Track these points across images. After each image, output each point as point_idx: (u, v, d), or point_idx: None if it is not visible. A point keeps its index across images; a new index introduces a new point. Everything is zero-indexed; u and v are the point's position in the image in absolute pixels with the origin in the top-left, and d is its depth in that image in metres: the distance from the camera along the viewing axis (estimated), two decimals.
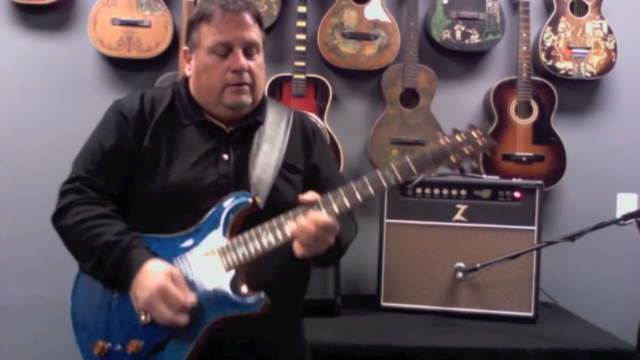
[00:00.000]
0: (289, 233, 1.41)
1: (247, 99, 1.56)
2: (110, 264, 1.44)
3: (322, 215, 1.39)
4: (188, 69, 1.61)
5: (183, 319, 1.39)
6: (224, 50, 1.53)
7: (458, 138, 1.45)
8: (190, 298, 1.40)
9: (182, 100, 1.61)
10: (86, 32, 2.70)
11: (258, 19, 1.59)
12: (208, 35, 1.54)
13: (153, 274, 1.40)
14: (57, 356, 2.70)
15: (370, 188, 1.43)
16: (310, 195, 1.44)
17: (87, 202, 1.51)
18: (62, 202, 1.53)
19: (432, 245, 2.45)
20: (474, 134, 1.46)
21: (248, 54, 1.55)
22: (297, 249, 1.41)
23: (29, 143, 2.82)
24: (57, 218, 1.53)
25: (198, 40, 1.56)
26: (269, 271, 1.49)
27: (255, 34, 1.56)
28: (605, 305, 2.86)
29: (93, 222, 1.47)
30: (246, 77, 1.54)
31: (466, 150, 1.44)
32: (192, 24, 1.58)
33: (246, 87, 1.55)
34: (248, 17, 1.55)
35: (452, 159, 1.44)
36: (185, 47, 1.62)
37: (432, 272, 2.44)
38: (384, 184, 1.43)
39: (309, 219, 1.39)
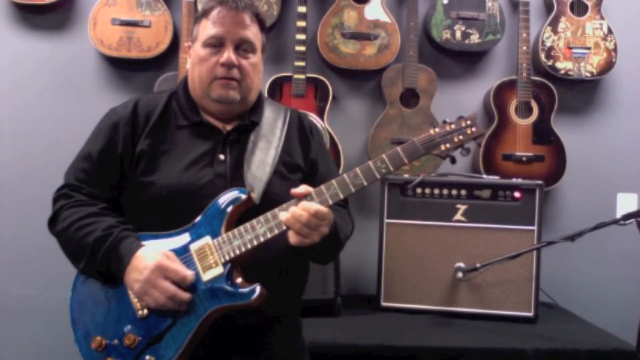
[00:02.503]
0: (283, 225, 1.43)
1: (234, 94, 1.57)
2: (102, 257, 1.45)
3: (314, 204, 1.42)
4: (189, 63, 1.64)
5: (185, 294, 1.41)
6: (217, 44, 1.56)
7: (447, 127, 1.49)
8: (189, 272, 1.42)
9: (180, 99, 1.63)
10: (86, 32, 2.70)
11: (258, 20, 1.61)
12: (205, 29, 1.58)
13: (148, 255, 1.42)
14: (57, 356, 2.70)
15: (362, 178, 1.46)
16: (302, 188, 1.46)
17: (75, 204, 1.53)
18: (53, 209, 1.57)
19: (432, 245, 2.45)
20: (462, 123, 1.50)
21: (241, 52, 1.57)
22: (292, 237, 1.43)
23: (28, 143, 2.82)
24: (51, 225, 1.57)
25: (197, 34, 1.61)
26: (267, 270, 1.49)
27: (250, 33, 1.58)
28: (605, 305, 2.86)
29: (82, 221, 1.49)
30: (235, 72, 1.56)
31: (455, 139, 1.49)
32: (196, 20, 1.63)
33: (234, 83, 1.56)
34: (246, 16, 1.57)
35: (442, 147, 1.49)
36: (189, 43, 1.66)
37: (432, 272, 2.44)
38: (376, 174, 1.46)
39: (301, 206, 1.41)
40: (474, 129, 1.50)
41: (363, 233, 2.21)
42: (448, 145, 1.48)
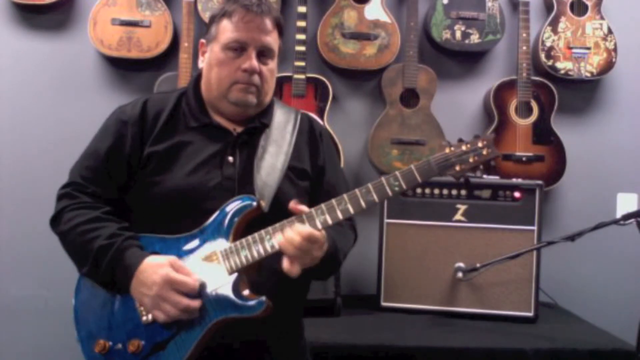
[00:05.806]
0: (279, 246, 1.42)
1: (252, 99, 1.57)
2: (105, 267, 1.44)
3: (307, 227, 1.40)
4: (202, 61, 1.63)
5: (196, 302, 1.40)
6: (239, 48, 1.55)
7: (463, 147, 1.47)
8: (197, 279, 1.42)
9: (190, 101, 1.61)
10: (86, 32, 2.70)
11: (278, 25, 1.60)
12: (226, 31, 1.56)
13: (153, 269, 1.41)
14: (57, 356, 2.71)
15: (374, 195, 1.44)
16: (302, 206, 1.43)
17: (79, 207, 1.52)
18: (57, 207, 1.55)
19: (432, 245, 2.45)
20: (479, 143, 1.47)
21: (261, 57, 1.56)
22: (284, 262, 1.41)
23: (28, 143, 2.82)
24: (54, 223, 1.55)
25: (216, 34, 1.58)
26: (272, 272, 1.48)
27: (272, 39, 1.58)
28: (605, 305, 2.86)
29: (85, 226, 1.48)
30: (255, 79, 1.55)
31: (471, 160, 1.46)
32: (214, 18, 1.60)
33: (253, 88, 1.56)
34: (268, 22, 1.56)
35: (457, 168, 1.46)
36: (203, 40, 1.64)
37: (432, 272, 2.44)
38: (388, 191, 1.44)
39: (295, 230, 1.40)
40: (489, 150, 1.46)
41: (363, 233, 2.20)
42: (463, 166, 1.46)
